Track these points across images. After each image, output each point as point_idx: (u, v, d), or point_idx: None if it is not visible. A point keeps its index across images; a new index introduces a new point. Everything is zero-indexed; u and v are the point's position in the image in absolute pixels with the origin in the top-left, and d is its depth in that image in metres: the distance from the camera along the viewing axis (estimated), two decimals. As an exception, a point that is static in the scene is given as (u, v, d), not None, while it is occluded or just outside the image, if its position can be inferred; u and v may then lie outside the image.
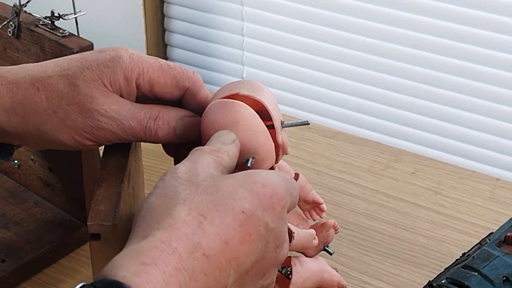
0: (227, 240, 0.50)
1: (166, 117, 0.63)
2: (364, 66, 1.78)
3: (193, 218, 0.50)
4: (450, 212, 0.87)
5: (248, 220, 0.51)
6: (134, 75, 0.63)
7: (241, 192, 0.52)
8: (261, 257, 0.53)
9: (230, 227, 0.50)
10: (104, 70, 0.62)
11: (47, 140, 0.64)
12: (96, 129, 0.62)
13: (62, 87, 0.62)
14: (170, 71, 0.64)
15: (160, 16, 2.04)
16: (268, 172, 0.55)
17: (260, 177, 0.53)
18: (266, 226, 0.52)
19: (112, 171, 0.63)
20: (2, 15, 0.78)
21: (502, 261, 0.66)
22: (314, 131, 1.00)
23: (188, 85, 0.64)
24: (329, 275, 0.68)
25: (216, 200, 0.51)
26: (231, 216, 0.51)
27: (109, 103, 0.62)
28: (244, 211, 0.51)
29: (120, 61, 0.63)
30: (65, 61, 0.64)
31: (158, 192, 0.52)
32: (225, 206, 0.51)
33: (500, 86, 1.64)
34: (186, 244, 0.49)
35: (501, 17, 1.58)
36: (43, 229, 0.80)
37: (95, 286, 0.46)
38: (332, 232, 0.70)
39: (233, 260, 0.50)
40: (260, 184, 0.53)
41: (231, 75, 1.98)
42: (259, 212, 0.52)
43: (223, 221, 0.50)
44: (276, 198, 0.53)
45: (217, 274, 0.50)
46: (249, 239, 0.51)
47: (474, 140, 1.70)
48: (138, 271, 0.46)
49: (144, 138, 0.63)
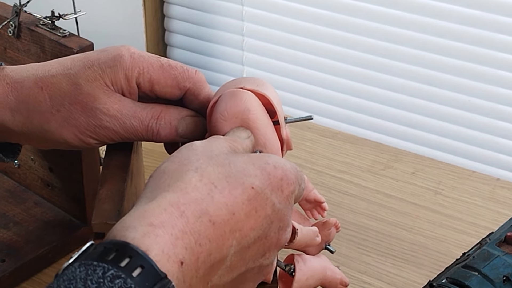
0: (233, 211, 0.51)
1: (168, 116, 0.63)
2: (364, 66, 1.78)
3: (204, 185, 0.51)
4: (450, 212, 0.87)
5: (256, 196, 0.52)
6: (134, 74, 0.63)
7: (252, 170, 0.53)
8: (264, 235, 0.53)
9: (239, 200, 0.51)
10: (106, 70, 0.63)
11: (51, 139, 0.64)
12: (98, 127, 0.62)
13: (65, 86, 0.63)
14: (171, 71, 0.64)
15: (160, 16, 2.04)
16: (280, 158, 0.56)
17: (272, 160, 0.54)
18: (273, 206, 0.53)
19: (115, 170, 0.63)
20: (2, 15, 0.78)
21: (502, 261, 0.66)
22: (314, 131, 1.00)
23: (188, 85, 0.64)
24: (332, 272, 0.69)
25: (227, 172, 0.52)
26: (241, 190, 0.51)
27: (111, 102, 0.62)
28: (254, 187, 0.52)
29: (121, 60, 0.63)
30: (69, 60, 0.64)
31: (172, 159, 0.53)
32: (236, 179, 0.52)
33: (500, 86, 1.64)
34: (194, 209, 0.49)
35: (501, 17, 1.58)
36: (43, 229, 0.80)
37: (105, 247, 0.46)
38: (333, 231, 0.70)
39: (237, 232, 0.51)
40: (272, 165, 0.54)
41: (231, 75, 1.98)
42: (268, 191, 0.53)
43: (232, 193, 0.51)
44: (286, 182, 0.54)
45: (220, 242, 0.50)
46: (255, 215, 0.52)
47: (474, 140, 1.70)
48: (147, 232, 0.47)
49: (146, 137, 0.64)
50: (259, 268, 0.55)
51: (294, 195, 0.55)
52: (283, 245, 0.56)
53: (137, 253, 0.46)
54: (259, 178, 0.52)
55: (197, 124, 0.64)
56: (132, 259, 0.45)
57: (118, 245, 0.46)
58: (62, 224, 0.81)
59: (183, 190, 0.50)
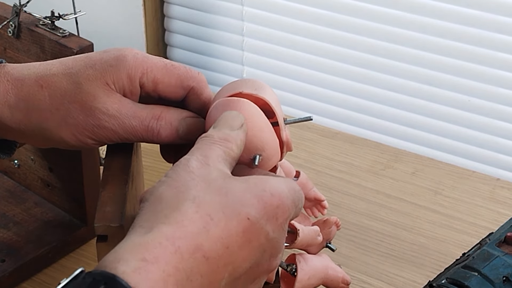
0: (228, 244, 0.50)
1: (168, 117, 0.63)
2: (364, 66, 1.78)
3: (200, 217, 0.50)
4: (450, 212, 0.87)
5: (251, 227, 0.51)
6: (137, 74, 0.63)
7: (249, 199, 0.52)
8: (256, 264, 0.53)
9: (233, 232, 0.51)
10: (108, 69, 0.62)
11: (49, 138, 0.64)
12: (97, 127, 0.62)
13: (65, 85, 0.62)
14: (174, 71, 0.64)
15: (160, 16, 2.04)
16: (279, 181, 0.55)
17: (270, 186, 0.53)
18: (267, 235, 0.52)
19: (116, 172, 0.63)
20: (2, 15, 0.78)
21: (502, 261, 0.66)
22: (314, 131, 1.00)
23: (192, 84, 0.64)
24: (334, 271, 0.69)
25: (225, 202, 0.51)
26: (236, 221, 0.51)
27: (110, 101, 0.62)
28: (250, 218, 0.51)
29: (124, 60, 0.63)
30: (70, 60, 0.64)
31: (169, 183, 0.52)
32: (232, 210, 0.51)
33: (500, 86, 1.64)
34: (189, 244, 0.49)
35: (501, 17, 1.58)
36: (43, 229, 0.80)
37: (94, 278, 0.46)
38: (334, 229, 0.70)
39: (230, 265, 0.51)
40: (269, 193, 0.53)
41: (231, 75, 1.98)
42: (263, 221, 0.52)
43: (228, 225, 0.50)
44: (281, 209, 0.53)
45: (213, 276, 0.50)
46: (248, 246, 0.51)
47: (474, 140, 1.70)
48: (138, 267, 0.46)
49: (146, 138, 0.63)
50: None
51: (289, 219, 0.55)
52: (273, 270, 0.56)
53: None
54: (255, 208, 0.52)
55: (198, 125, 0.64)
56: None
57: (107, 278, 0.46)
58: (62, 224, 0.81)
59: (179, 223, 0.49)
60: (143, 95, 0.64)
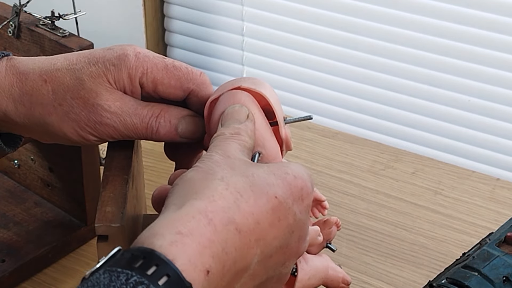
0: (258, 220, 0.51)
1: (168, 115, 0.63)
2: (364, 66, 1.78)
3: (230, 194, 0.51)
4: (450, 212, 0.87)
5: (279, 206, 0.53)
6: (138, 74, 0.63)
7: (274, 179, 0.53)
8: (286, 245, 0.54)
9: (263, 209, 0.52)
10: (109, 68, 0.63)
11: (52, 133, 0.64)
12: (99, 124, 0.63)
13: (68, 81, 0.63)
14: (175, 72, 0.64)
15: (160, 16, 2.04)
16: (298, 165, 0.56)
17: (292, 169, 0.55)
18: (294, 215, 0.54)
19: (117, 172, 0.63)
20: (2, 15, 0.78)
21: (502, 261, 0.66)
22: (314, 131, 1.00)
23: (192, 87, 0.64)
24: (334, 271, 0.69)
25: (251, 182, 0.53)
26: (265, 199, 0.52)
27: (112, 99, 0.63)
28: (277, 197, 0.53)
29: (125, 59, 0.63)
30: (74, 56, 0.65)
31: (197, 169, 0.54)
32: (260, 189, 0.52)
33: (500, 86, 1.64)
34: (222, 217, 0.50)
35: (501, 17, 1.58)
36: (43, 229, 0.80)
37: (132, 254, 0.47)
38: (334, 229, 0.70)
39: (261, 240, 0.52)
40: (293, 175, 0.54)
41: (231, 75, 1.98)
42: (290, 201, 0.53)
43: (257, 202, 0.52)
44: (305, 192, 0.55)
45: (245, 250, 0.51)
46: (278, 224, 0.53)
47: (474, 140, 1.70)
48: (174, 240, 0.47)
49: (145, 136, 0.64)
50: (278, 277, 0.55)
51: (311, 204, 0.56)
52: (301, 254, 0.57)
53: (164, 261, 0.46)
54: (281, 188, 0.53)
55: (197, 124, 0.64)
56: (159, 267, 0.46)
57: (145, 252, 0.47)
58: (62, 224, 0.81)
59: (210, 198, 0.51)
60: (144, 95, 0.65)
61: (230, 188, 0.51)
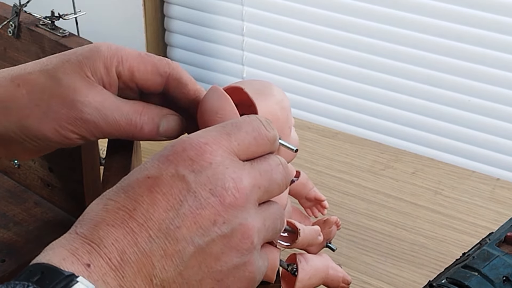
0: (134, 206, 0.50)
1: (150, 112, 0.63)
2: (364, 66, 1.78)
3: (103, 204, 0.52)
4: (450, 212, 0.87)
5: (156, 181, 0.50)
6: (113, 63, 0.62)
7: (149, 163, 0.52)
8: (192, 207, 0.50)
9: (137, 192, 0.50)
10: (83, 61, 0.62)
11: (31, 136, 0.62)
12: (79, 120, 0.61)
13: (43, 81, 0.62)
14: (150, 59, 0.64)
15: (160, 16, 2.04)
16: (196, 132, 0.53)
17: (174, 141, 0.53)
18: (183, 178, 0.50)
19: (116, 172, 0.63)
20: (2, 15, 0.78)
21: (502, 261, 0.66)
22: (314, 131, 1.00)
23: (168, 71, 0.64)
24: (334, 271, 0.69)
25: (122, 183, 0.52)
26: (136, 185, 0.51)
27: (92, 94, 0.61)
28: (150, 176, 0.51)
29: (98, 51, 0.63)
30: (45, 59, 0.64)
31: None
32: (129, 180, 0.52)
33: (500, 86, 1.64)
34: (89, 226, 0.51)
35: (501, 17, 1.58)
36: (43, 229, 0.80)
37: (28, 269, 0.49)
38: (334, 229, 0.70)
39: (149, 221, 0.49)
40: (170, 146, 0.52)
41: (231, 75, 1.98)
42: (171, 170, 0.50)
43: (128, 192, 0.51)
44: (191, 151, 0.51)
45: (130, 237, 0.49)
46: (162, 198, 0.50)
47: (474, 140, 1.70)
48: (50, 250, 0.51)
49: (127, 132, 0.63)
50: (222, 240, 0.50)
51: (226, 149, 0.52)
52: (240, 201, 0.51)
53: (42, 265, 0.49)
54: (154, 167, 0.51)
55: (178, 123, 0.64)
56: (39, 272, 0.48)
57: (34, 265, 0.49)
58: (62, 224, 0.81)
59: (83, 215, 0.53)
60: (121, 87, 0.64)
61: (103, 199, 0.51)
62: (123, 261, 0.48)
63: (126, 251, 0.49)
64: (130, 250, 0.49)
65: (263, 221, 0.53)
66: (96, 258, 0.48)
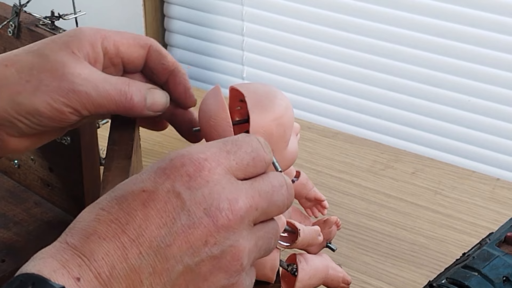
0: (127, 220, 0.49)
1: (137, 84, 0.65)
2: (364, 66, 1.78)
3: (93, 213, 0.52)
4: (450, 212, 0.87)
5: (152, 196, 0.49)
6: (98, 39, 0.65)
7: (145, 175, 0.51)
8: (183, 225, 0.49)
9: (132, 206, 0.49)
10: (68, 40, 0.64)
11: (24, 113, 0.62)
12: (71, 92, 0.62)
13: (31, 59, 0.63)
14: (129, 34, 0.68)
15: (160, 16, 2.04)
16: (189, 148, 0.52)
17: (171, 154, 0.52)
18: (179, 196, 0.49)
19: (116, 172, 0.63)
20: (2, 15, 0.78)
21: (502, 261, 0.66)
22: (314, 131, 1.00)
23: (149, 43, 0.68)
24: (334, 271, 0.69)
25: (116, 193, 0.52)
26: (131, 198, 0.50)
27: (81, 67, 0.63)
28: (145, 190, 0.50)
29: (81, 31, 0.65)
30: (30, 44, 0.66)
31: None
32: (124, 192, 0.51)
33: (500, 86, 1.64)
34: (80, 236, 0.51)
35: (501, 17, 1.58)
36: (43, 229, 0.80)
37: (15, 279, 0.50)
38: (334, 229, 0.70)
39: (140, 237, 0.49)
40: (169, 160, 0.51)
41: (231, 75, 1.98)
42: (168, 185, 0.50)
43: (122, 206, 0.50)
44: (190, 167, 0.50)
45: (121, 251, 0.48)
46: (156, 214, 0.49)
47: (474, 140, 1.70)
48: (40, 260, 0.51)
49: (118, 103, 0.64)
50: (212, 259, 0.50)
51: (224, 168, 0.51)
52: (230, 223, 0.50)
53: (32, 276, 0.49)
54: (150, 179, 0.50)
55: (161, 96, 0.66)
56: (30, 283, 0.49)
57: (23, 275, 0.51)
58: (62, 224, 0.81)
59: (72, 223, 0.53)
60: (106, 64, 0.66)
61: (95, 209, 0.51)
62: (112, 276, 0.48)
63: (115, 266, 0.48)
64: (120, 266, 0.48)
65: (256, 242, 0.52)
66: (86, 272, 0.48)
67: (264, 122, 0.60)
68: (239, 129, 0.62)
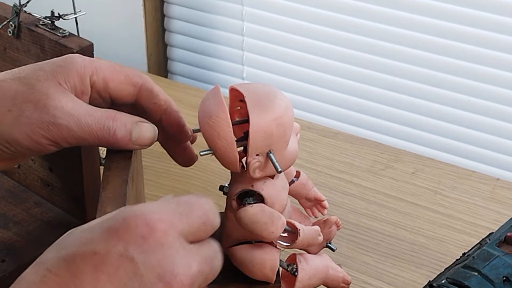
0: None
1: (122, 118, 0.63)
2: (364, 66, 1.78)
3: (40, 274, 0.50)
4: (450, 212, 0.87)
5: (103, 259, 0.47)
6: (87, 72, 0.63)
7: (97, 233, 0.48)
8: None
9: (81, 271, 0.47)
10: (57, 69, 0.62)
11: (2, 141, 0.62)
12: (52, 125, 0.61)
13: (15, 88, 0.62)
14: (122, 69, 0.65)
15: (160, 16, 2.04)
16: (147, 204, 0.50)
17: (125, 212, 0.49)
18: (132, 261, 0.47)
19: (117, 172, 0.63)
20: (2, 15, 0.78)
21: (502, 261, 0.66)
22: (314, 131, 1.00)
23: (140, 81, 0.65)
24: (334, 271, 0.69)
25: (64, 252, 0.50)
26: (79, 259, 0.47)
27: (65, 100, 0.61)
28: (97, 252, 0.47)
29: (72, 61, 0.63)
30: (17, 68, 0.64)
31: None
32: (73, 253, 0.49)
33: (500, 86, 1.63)
34: None
35: (501, 17, 1.58)
36: (43, 229, 0.80)
37: None
38: (334, 229, 0.70)
39: None
40: (121, 219, 0.48)
41: (231, 75, 1.98)
42: (120, 248, 0.47)
43: (70, 267, 0.47)
44: (144, 228, 0.48)
45: None
46: (107, 280, 0.46)
47: (474, 140, 1.70)
48: None
49: (101, 138, 0.62)
50: None
51: (176, 231, 0.49)
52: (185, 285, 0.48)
53: None
54: (101, 241, 0.48)
55: (149, 130, 0.64)
56: None
57: None
58: (62, 224, 0.81)
59: None
60: (94, 97, 0.64)
61: (41, 269, 0.49)
62: None
63: None
64: None
65: None
66: None
67: (264, 122, 0.60)
68: (238, 129, 0.62)
